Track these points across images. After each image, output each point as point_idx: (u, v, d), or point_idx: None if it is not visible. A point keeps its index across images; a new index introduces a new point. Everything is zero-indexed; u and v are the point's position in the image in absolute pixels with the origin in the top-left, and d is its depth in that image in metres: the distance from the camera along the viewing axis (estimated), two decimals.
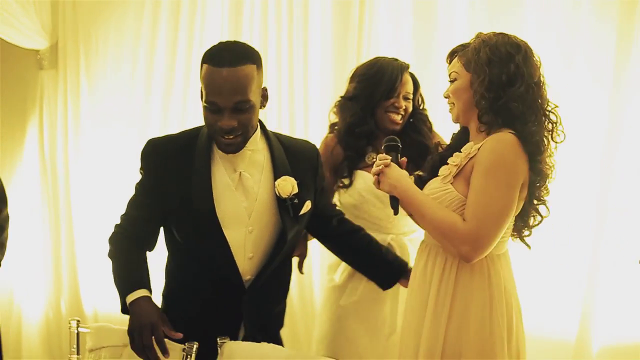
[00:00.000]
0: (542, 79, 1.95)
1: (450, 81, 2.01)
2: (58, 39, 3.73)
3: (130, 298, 1.94)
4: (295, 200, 1.99)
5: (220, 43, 1.95)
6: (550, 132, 1.97)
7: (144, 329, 1.85)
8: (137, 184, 2.07)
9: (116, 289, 2.03)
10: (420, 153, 2.43)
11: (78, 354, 2.04)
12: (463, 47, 2.01)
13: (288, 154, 2.04)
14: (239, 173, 1.98)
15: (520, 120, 1.90)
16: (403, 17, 3.22)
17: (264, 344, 1.93)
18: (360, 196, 2.56)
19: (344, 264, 2.55)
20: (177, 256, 2.11)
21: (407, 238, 2.61)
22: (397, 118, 2.54)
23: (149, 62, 3.62)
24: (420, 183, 2.07)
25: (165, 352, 1.85)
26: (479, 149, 1.90)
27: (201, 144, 1.98)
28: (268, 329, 2.03)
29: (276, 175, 2.00)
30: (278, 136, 2.11)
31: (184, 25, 3.57)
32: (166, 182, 1.97)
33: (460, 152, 1.97)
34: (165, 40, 3.61)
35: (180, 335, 1.90)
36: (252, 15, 3.46)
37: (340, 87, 2.83)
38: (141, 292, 1.94)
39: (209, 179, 1.95)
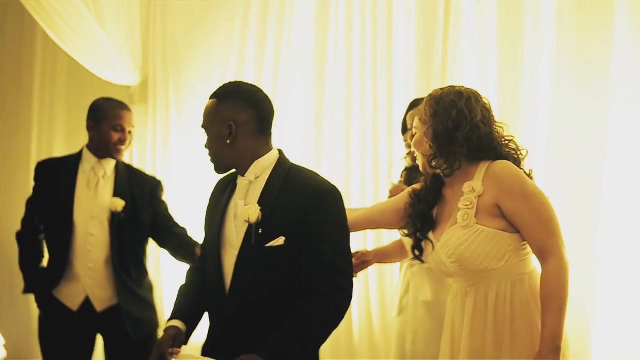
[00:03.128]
0: (491, 117, 2.08)
1: (412, 136, 2.19)
2: (148, 75, 3.92)
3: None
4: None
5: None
6: (516, 156, 2.11)
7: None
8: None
9: None
10: None
11: None
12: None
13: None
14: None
15: (487, 151, 2.05)
16: (488, 48, 3.18)
17: None
18: None
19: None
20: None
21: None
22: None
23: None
24: (420, 238, 2.16)
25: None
26: (482, 184, 1.99)
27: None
28: None
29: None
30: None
31: (270, 50, 3.68)
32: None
33: (464, 194, 2.03)
34: (253, 64, 3.73)
35: (178, 350, 2.08)
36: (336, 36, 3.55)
37: None
38: (173, 322, 2.15)
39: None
